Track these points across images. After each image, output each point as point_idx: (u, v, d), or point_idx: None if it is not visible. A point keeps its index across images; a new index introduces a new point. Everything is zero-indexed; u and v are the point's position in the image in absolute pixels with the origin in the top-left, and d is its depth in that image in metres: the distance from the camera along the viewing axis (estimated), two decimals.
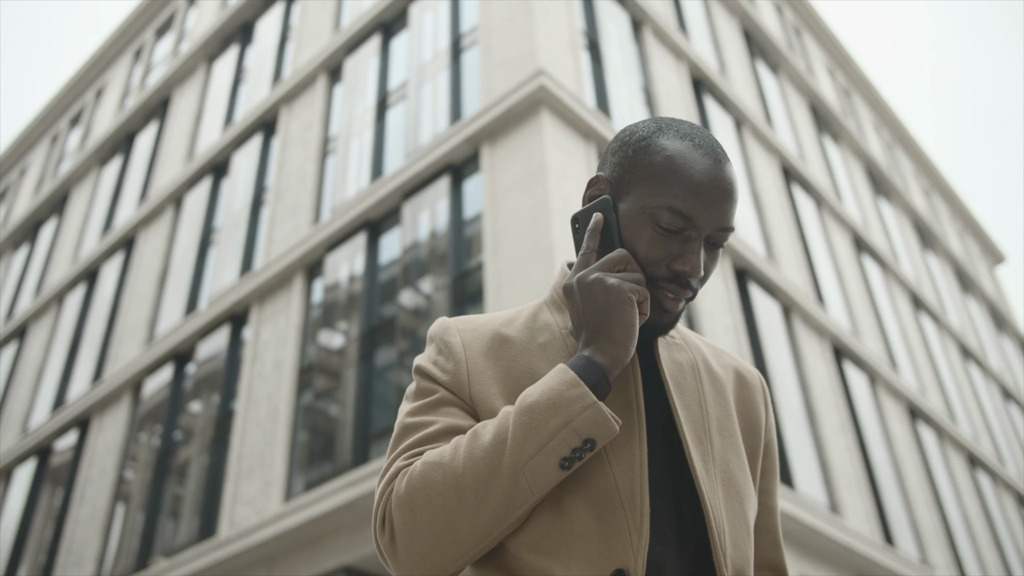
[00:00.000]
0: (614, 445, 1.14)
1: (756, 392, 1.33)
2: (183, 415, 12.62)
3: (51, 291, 17.59)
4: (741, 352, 11.19)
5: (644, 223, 1.18)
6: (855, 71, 22.81)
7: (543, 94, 9.81)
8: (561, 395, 1.09)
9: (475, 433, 1.12)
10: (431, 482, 1.09)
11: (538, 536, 1.11)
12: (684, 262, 1.16)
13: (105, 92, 20.96)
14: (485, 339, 1.24)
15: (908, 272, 19.58)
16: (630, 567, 1.08)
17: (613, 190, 1.23)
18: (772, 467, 1.32)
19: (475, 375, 1.20)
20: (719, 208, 1.17)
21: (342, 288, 11.23)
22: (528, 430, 1.08)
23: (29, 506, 14.56)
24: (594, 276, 1.14)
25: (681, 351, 1.29)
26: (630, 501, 1.11)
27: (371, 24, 13.38)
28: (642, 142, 1.21)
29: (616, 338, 1.12)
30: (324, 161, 12.89)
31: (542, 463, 1.07)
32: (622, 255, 1.16)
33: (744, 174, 14.15)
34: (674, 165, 1.17)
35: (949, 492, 15.36)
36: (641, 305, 1.15)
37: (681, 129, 1.22)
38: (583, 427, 1.08)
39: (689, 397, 1.22)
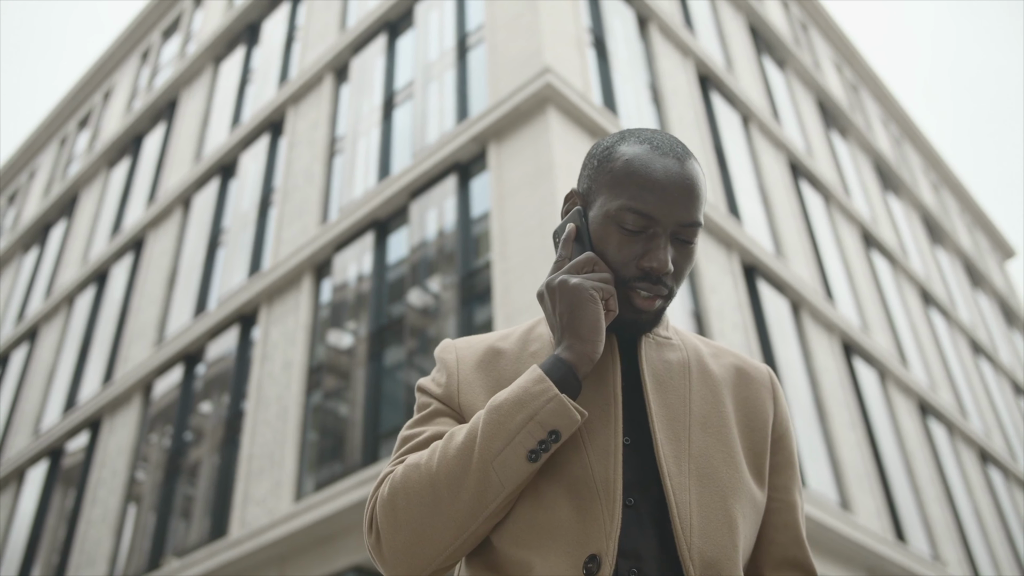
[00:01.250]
0: (592, 437, 1.19)
1: (762, 388, 1.34)
2: (193, 416, 12.66)
3: (61, 293, 17.66)
4: (750, 349, 11.16)
5: (610, 227, 1.23)
6: (862, 66, 22.72)
7: (549, 92, 9.80)
8: (527, 391, 1.14)
9: (450, 435, 1.18)
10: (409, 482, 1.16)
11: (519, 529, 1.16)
12: (651, 258, 1.21)
13: (113, 94, 21.03)
14: (479, 353, 1.32)
15: (918, 267, 19.51)
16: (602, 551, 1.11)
17: (583, 201, 1.29)
18: (787, 462, 1.33)
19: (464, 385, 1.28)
20: (679, 204, 1.22)
21: (350, 288, 11.25)
22: (496, 427, 1.13)
23: (42, 507, 14.63)
24: (559, 279, 1.20)
25: (675, 351, 1.32)
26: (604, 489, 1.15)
27: (377, 24, 13.38)
28: (605, 152, 1.28)
29: (582, 334, 1.17)
30: (331, 161, 12.91)
31: (510, 457, 1.12)
32: (588, 257, 1.22)
33: (752, 170, 14.11)
34: (631, 167, 1.23)
35: (960, 488, 15.30)
36: (608, 302, 1.20)
37: (642, 135, 1.28)
38: (547, 419, 1.12)
39: (671, 395, 1.25)
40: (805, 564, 1.29)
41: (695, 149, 12.60)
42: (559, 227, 1.31)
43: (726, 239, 12.02)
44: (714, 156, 13.10)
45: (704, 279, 11.08)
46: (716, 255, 11.73)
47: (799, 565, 1.29)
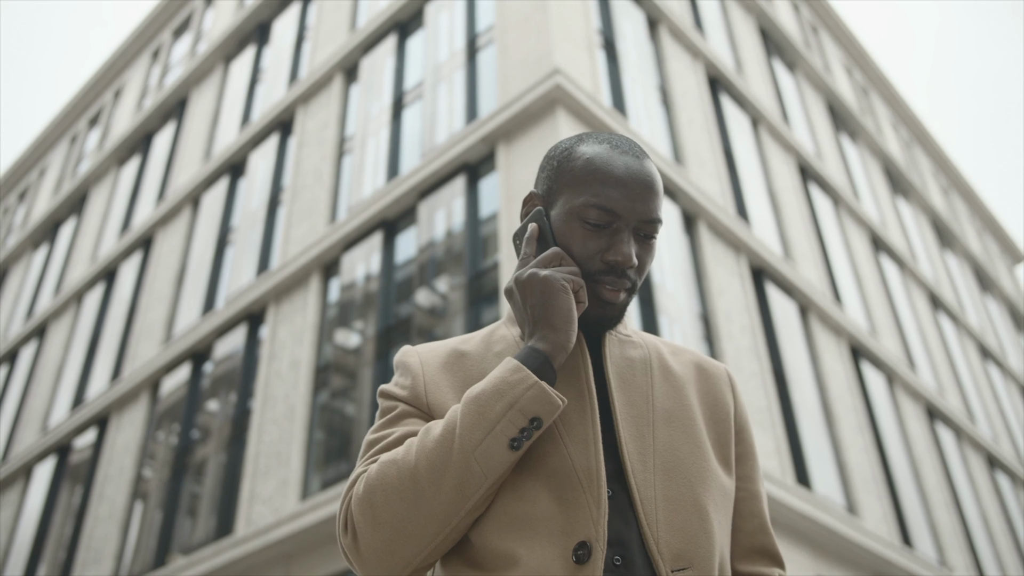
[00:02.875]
0: (569, 429, 1.20)
1: (721, 382, 1.38)
2: (200, 414, 12.69)
3: (70, 290, 17.73)
4: (758, 352, 11.14)
5: (573, 223, 1.26)
6: (872, 69, 22.66)
7: (559, 93, 9.80)
8: (504, 380, 1.15)
9: (426, 430, 1.17)
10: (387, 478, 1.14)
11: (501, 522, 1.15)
12: (615, 252, 1.24)
13: (123, 92, 21.10)
14: (442, 355, 1.32)
15: (926, 271, 19.44)
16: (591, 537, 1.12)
17: (544, 202, 1.32)
18: (748, 452, 1.36)
19: (431, 385, 1.27)
20: (641, 200, 1.25)
21: (358, 287, 11.26)
22: (476, 417, 1.13)
23: (49, 503, 14.69)
24: (529, 272, 1.22)
25: (636, 348, 1.34)
26: (587, 478, 1.16)
27: (387, 24, 13.40)
28: (564, 152, 1.32)
29: (555, 324, 1.19)
30: (340, 161, 12.93)
31: (492, 446, 1.12)
32: (555, 252, 1.24)
33: (761, 173, 14.08)
34: (593, 165, 1.27)
35: (968, 493, 15.24)
36: (577, 294, 1.22)
37: (600, 137, 1.32)
38: (528, 406, 1.13)
39: (635, 392, 1.27)
40: (771, 550, 1.33)
41: (704, 151, 12.58)
42: (519, 228, 1.33)
43: (734, 241, 12.00)
44: (723, 158, 13.08)
45: (712, 281, 11.06)
46: (724, 257, 11.71)
47: (766, 552, 1.32)
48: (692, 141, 12.35)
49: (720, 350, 10.48)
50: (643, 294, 9.89)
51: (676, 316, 10.21)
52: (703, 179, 12.03)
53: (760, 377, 10.92)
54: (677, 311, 10.28)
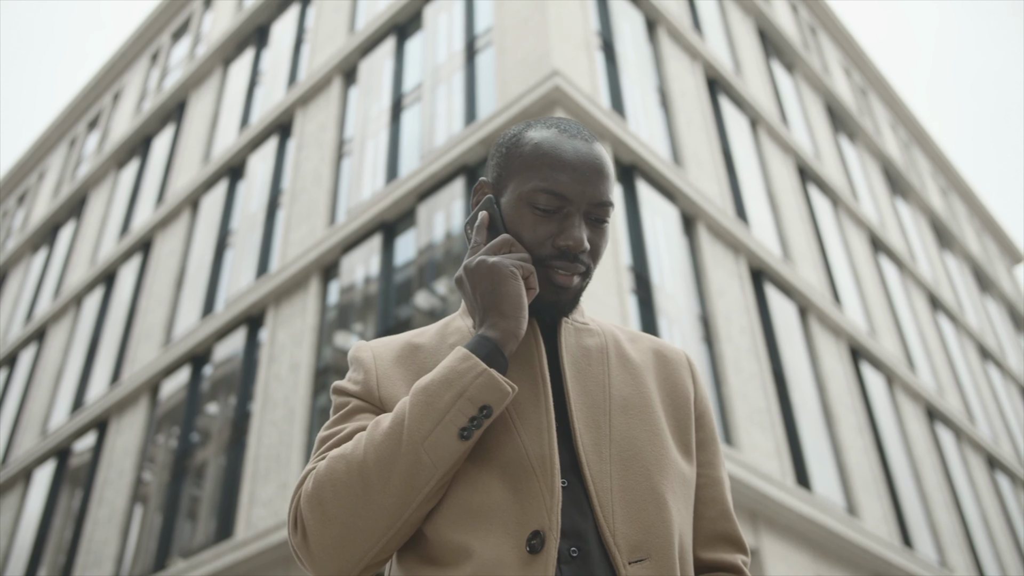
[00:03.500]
0: (522, 417, 1.18)
1: (681, 368, 1.36)
2: (200, 417, 12.68)
3: (69, 293, 17.72)
4: (757, 353, 11.14)
5: (523, 209, 1.25)
6: (871, 70, 22.68)
7: (558, 95, 9.81)
8: (453, 370, 1.13)
9: (376, 422, 1.15)
10: (336, 473, 1.12)
11: (454, 514, 1.13)
12: (566, 237, 1.22)
13: (122, 95, 21.11)
14: (395, 349, 1.30)
15: (926, 272, 19.45)
16: (544, 526, 1.11)
17: (494, 190, 1.31)
18: (710, 438, 1.34)
19: (383, 379, 1.26)
20: (591, 183, 1.24)
21: (358, 290, 11.26)
22: (424, 407, 1.12)
23: (48, 507, 14.68)
24: (477, 259, 1.21)
25: (592, 336, 1.32)
26: (540, 466, 1.14)
27: (386, 26, 13.41)
28: (512, 139, 1.31)
29: (504, 311, 1.17)
30: (339, 163, 12.93)
31: (441, 436, 1.10)
32: (504, 239, 1.23)
33: (760, 174, 14.09)
34: (542, 150, 1.25)
35: (968, 494, 15.24)
36: (528, 280, 1.21)
37: (548, 122, 1.30)
38: (477, 394, 1.11)
39: (590, 381, 1.25)
40: (733, 536, 1.31)
41: (703, 152, 12.59)
42: (470, 217, 1.31)
43: (734, 243, 12.00)
44: (722, 159, 13.08)
45: (711, 283, 11.06)
46: (724, 259, 11.71)
47: (728, 538, 1.31)
48: (691, 142, 12.36)
49: (719, 351, 10.49)
50: (642, 295, 9.89)
51: (675, 317, 10.20)
52: (702, 180, 12.04)
53: (760, 378, 10.92)
54: (676, 312, 10.28)
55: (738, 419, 10.00)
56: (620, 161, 10.74)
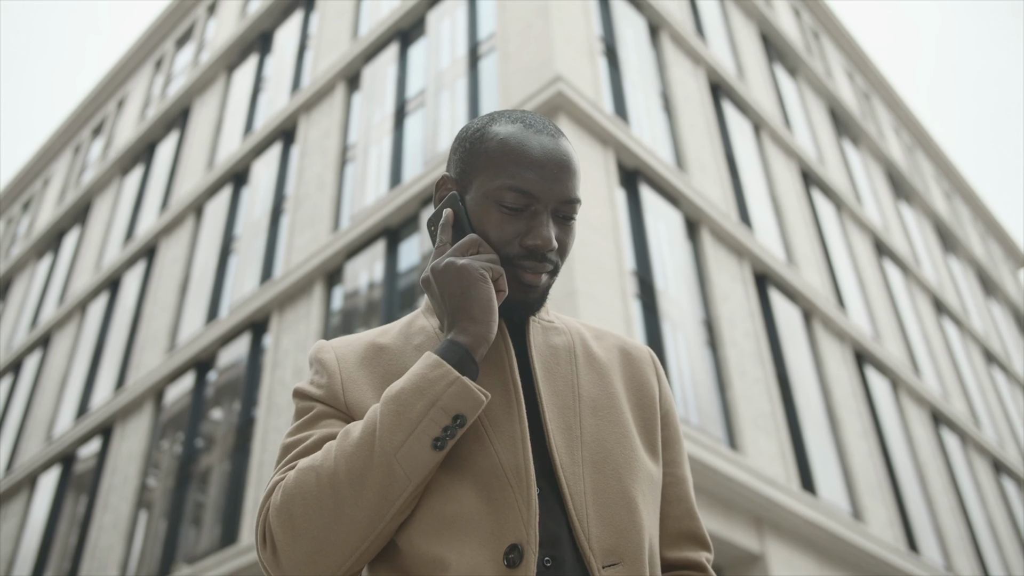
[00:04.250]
0: (495, 425, 1.15)
1: (646, 366, 1.34)
2: (205, 422, 12.69)
3: (74, 300, 17.76)
4: (762, 357, 11.13)
5: (489, 207, 1.21)
6: (874, 73, 22.67)
7: (561, 100, 9.82)
8: (424, 378, 1.10)
9: (345, 432, 1.11)
10: (306, 486, 1.08)
11: (428, 524, 1.10)
12: (534, 236, 1.19)
13: (127, 102, 21.17)
14: (359, 350, 1.26)
15: (930, 276, 19.42)
16: (522, 540, 1.08)
17: (458, 186, 1.26)
18: (674, 437, 1.32)
19: (349, 383, 1.21)
20: (558, 181, 1.21)
21: (361, 295, 11.27)
22: (396, 417, 1.08)
23: (53, 513, 14.69)
24: (446, 261, 1.17)
25: (559, 335, 1.30)
26: (515, 476, 1.12)
27: (389, 32, 13.44)
28: (477, 134, 1.26)
29: (474, 315, 1.13)
30: (343, 169, 12.96)
31: (414, 447, 1.07)
32: (472, 239, 1.19)
33: (763, 178, 14.09)
34: (508, 146, 1.21)
35: (974, 498, 15.19)
36: (497, 282, 1.17)
37: (513, 115, 1.26)
38: (450, 403, 1.08)
39: (559, 381, 1.23)
40: (698, 534, 1.30)
41: (706, 157, 12.59)
42: (434, 215, 1.28)
43: (737, 247, 12.00)
44: (725, 164, 13.08)
45: (715, 287, 11.05)
46: (727, 263, 11.70)
47: (693, 536, 1.30)
48: (694, 147, 12.36)
49: (724, 356, 10.48)
50: (646, 300, 9.89)
51: (679, 322, 10.20)
52: (705, 185, 12.04)
53: (764, 383, 10.90)
54: (680, 317, 10.27)
55: (742, 423, 9.99)
56: (623, 166, 10.75)
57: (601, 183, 9.93)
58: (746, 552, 9.30)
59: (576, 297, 8.39)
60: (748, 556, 9.36)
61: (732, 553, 9.27)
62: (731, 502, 9.26)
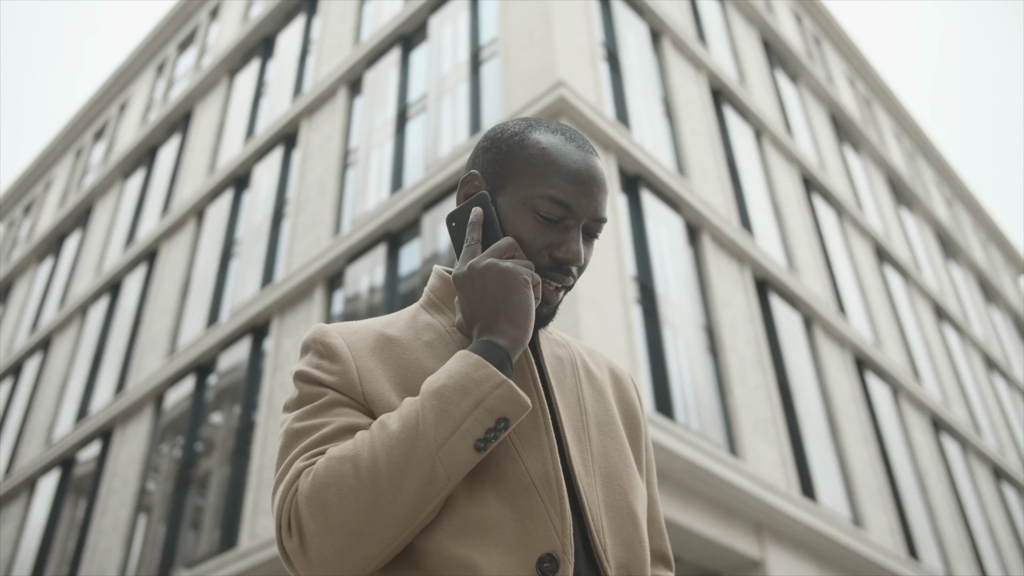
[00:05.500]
0: (520, 433, 1.14)
1: (629, 388, 1.36)
2: (205, 426, 12.69)
3: (75, 303, 17.76)
4: (763, 363, 11.13)
5: (524, 213, 1.20)
6: (875, 80, 22.70)
7: (562, 105, 9.83)
8: (469, 376, 1.08)
9: (382, 424, 1.08)
10: (342, 476, 1.04)
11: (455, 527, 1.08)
12: (566, 250, 1.19)
13: (128, 106, 21.20)
14: (370, 339, 1.22)
15: (931, 282, 19.42)
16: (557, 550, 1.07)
17: (489, 185, 1.25)
18: (649, 458, 1.35)
19: (365, 372, 1.17)
20: (595, 198, 1.21)
21: (362, 300, 11.28)
22: (440, 414, 1.06)
23: (52, 516, 14.67)
24: (487, 262, 1.15)
25: (562, 348, 1.31)
26: (545, 485, 1.11)
27: (391, 37, 13.46)
28: (515, 137, 1.25)
29: (515, 320, 1.12)
30: (344, 173, 12.97)
31: (457, 446, 1.05)
32: (510, 242, 1.18)
33: (764, 184, 14.09)
34: (550, 156, 1.21)
35: (974, 505, 15.17)
36: (535, 289, 1.17)
37: (552, 126, 1.26)
38: (496, 405, 1.07)
39: (568, 394, 1.24)
40: (666, 554, 1.33)
41: (708, 163, 12.60)
42: (457, 211, 1.25)
43: (738, 253, 12.00)
44: (727, 170, 13.09)
45: (716, 293, 11.05)
46: (728, 269, 11.71)
47: (662, 556, 1.32)
48: (695, 152, 12.37)
49: (724, 362, 10.47)
50: (646, 306, 9.89)
51: (680, 328, 10.20)
52: (706, 191, 12.04)
53: (765, 389, 10.90)
54: (681, 323, 10.27)
55: (743, 430, 9.98)
56: (625, 171, 10.75)
57: None
58: (746, 558, 9.28)
59: (577, 302, 8.39)
60: (748, 562, 9.34)
61: (732, 559, 9.26)
62: (731, 508, 9.25)
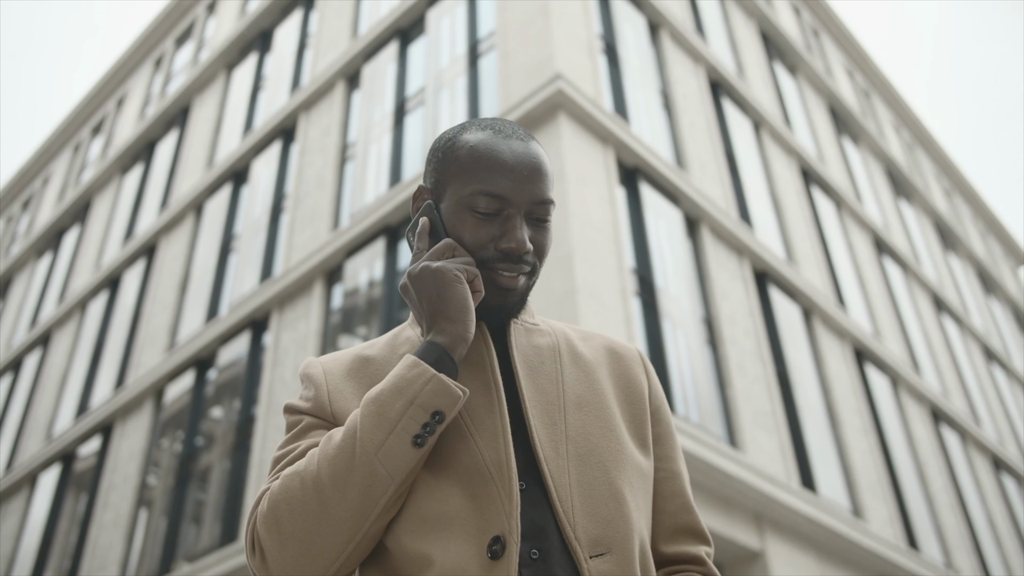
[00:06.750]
0: (477, 423, 1.18)
1: (634, 363, 1.36)
2: (204, 421, 12.70)
3: (74, 298, 17.76)
4: (762, 355, 11.14)
5: (463, 213, 1.23)
6: (874, 71, 22.67)
7: (561, 98, 9.82)
8: (402, 378, 1.12)
9: (328, 437, 1.14)
10: (291, 491, 1.11)
11: (414, 523, 1.12)
12: (508, 239, 1.22)
13: (126, 101, 21.16)
14: (346, 363, 1.29)
15: (930, 274, 19.42)
16: (504, 531, 1.10)
17: (433, 195, 1.29)
18: (666, 432, 1.34)
19: (335, 393, 1.24)
20: (529, 183, 1.24)
21: (361, 293, 11.28)
22: (376, 418, 1.10)
23: (54, 511, 14.70)
24: (422, 266, 1.20)
25: (543, 336, 1.32)
26: (498, 471, 1.14)
27: (388, 31, 13.44)
28: (448, 143, 1.29)
29: (451, 316, 1.16)
30: (343, 167, 12.96)
31: (395, 445, 1.09)
32: (446, 243, 1.22)
33: (763, 176, 14.09)
34: (477, 153, 1.24)
35: (974, 495, 15.20)
36: (472, 283, 1.20)
37: (483, 123, 1.29)
38: (428, 400, 1.10)
39: (543, 379, 1.25)
40: (696, 528, 1.31)
41: (706, 155, 12.59)
42: (411, 224, 1.30)
43: (737, 245, 12.00)
44: (725, 162, 13.08)
45: (715, 285, 11.06)
46: (727, 261, 11.71)
47: (690, 530, 1.31)
48: (694, 145, 12.37)
49: (724, 354, 10.48)
50: (645, 298, 9.89)
51: (679, 320, 10.20)
52: (705, 183, 12.04)
53: (764, 381, 10.91)
54: (680, 315, 10.28)
55: (743, 421, 10.00)
56: (623, 164, 10.75)
57: (601, 181, 9.93)
58: (746, 550, 9.30)
59: (576, 295, 8.40)
60: (748, 553, 9.37)
61: (732, 551, 9.28)
62: (731, 500, 9.27)
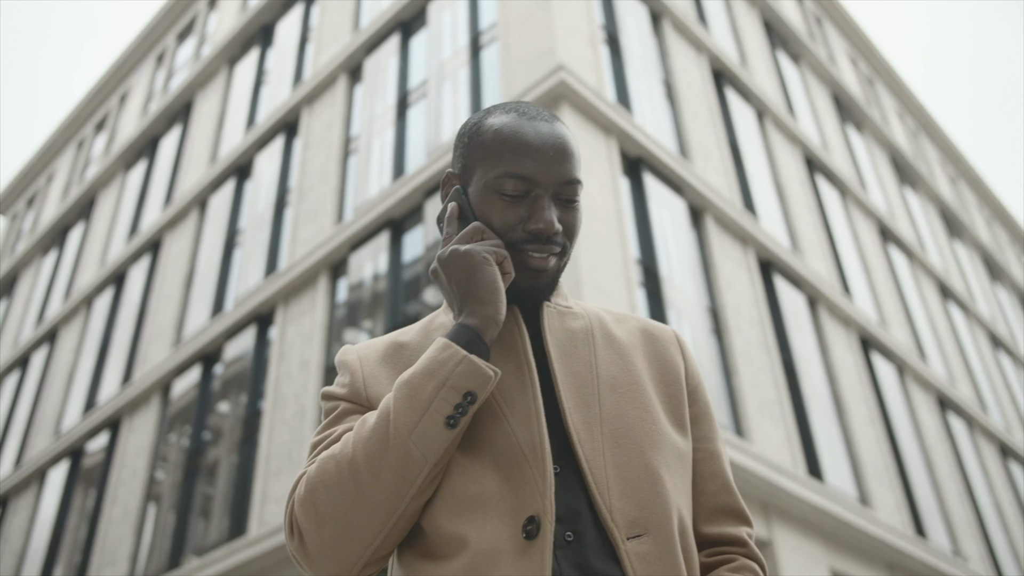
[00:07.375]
0: (510, 404, 1.18)
1: (669, 344, 1.36)
2: (211, 415, 12.74)
3: (80, 295, 17.80)
4: (767, 344, 11.13)
5: (491, 197, 1.24)
6: (878, 59, 22.58)
7: (563, 89, 9.80)
8: (434, 360, 1.13)
9: (362, 420, 1.16)
10: (327, 473, 1.12)
11: (449, 504, 1.13)
12: (537, 220, 1.22)
13: (129, 97, 21.17)
14: (380, 349, 1.30)
15: (935, 261, 19.38)
16: (539, 511, 1.10)
17: (461, 180, 1.30)
18: (704, 413, 1.33)
19: (370, 379, 1.26)
20: (556, 163, 1.24)
21: (366, 287, 11.29)
22: (408, 400, 1.12)
23: (63, 507, 14.76)
24: (450, 249, 1.21)
25: (577, 319, 1.32)
26: (531, 452, 1.14)
27: (390, 23, 13.41)
28: (474, 127, 1.30)
29: (481, 297, 1.17)
30: (346, 161, 12.96)
31: (428, 427, 1.10)
32: (475, 227, 1.23)
33: (767, 165, 14.05)
34: (503, 136, 1.25)
35: (981, 483, 15.19)
36: (502, 264, 1.21)
37: (507, 106, 1.30)
38: (459, 382, 1.11)
39: (576, 362, 1.25)
40: (737, 509, 1.31)
41: (710, 144, 12.56)
42: (441, 211, 1.31)
43: (742, 234, 11.98)
44: (729, 151, 13.05)
45: (720, 275, 11.04)
46: (732, 250, 11.69)
47: (731, 511, 1.30)
48: (697, 135, 12.34)
49: (729, 343, 10.48)
50: (650, 288, 9.89)
51: (684, 310, 10.20)
52: (709, 173, 12.02)
53: (770, 370, 10.90)
54: (685, 305, 10.27)
55: (749, 410, 10.00)
56: (627, 154, 10.73)
57: (604, 172, 9.92)
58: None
59: (581, 286, 8.40)
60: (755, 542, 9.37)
61: None
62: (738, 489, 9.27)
